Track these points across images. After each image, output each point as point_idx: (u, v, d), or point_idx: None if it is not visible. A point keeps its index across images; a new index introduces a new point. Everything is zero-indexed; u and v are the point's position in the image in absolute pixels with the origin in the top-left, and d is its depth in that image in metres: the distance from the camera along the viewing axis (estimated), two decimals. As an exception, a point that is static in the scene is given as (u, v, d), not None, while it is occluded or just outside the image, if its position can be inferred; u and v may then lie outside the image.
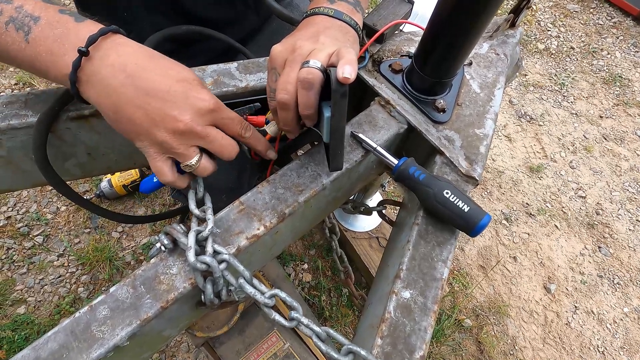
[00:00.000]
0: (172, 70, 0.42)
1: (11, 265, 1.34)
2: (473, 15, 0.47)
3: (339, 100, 0.40)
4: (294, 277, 1.38)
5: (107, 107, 0.41)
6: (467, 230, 0.49)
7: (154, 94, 0.40)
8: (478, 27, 0.49)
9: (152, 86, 0.40)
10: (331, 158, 0.47)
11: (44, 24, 0.40)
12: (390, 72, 0.63)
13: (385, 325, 0.46)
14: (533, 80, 2.03)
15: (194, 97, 0.41)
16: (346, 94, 0.40)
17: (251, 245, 0.49)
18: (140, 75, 0.40)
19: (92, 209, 0.65)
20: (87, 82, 0.40)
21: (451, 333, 1.33)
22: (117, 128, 0.42)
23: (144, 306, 0.43)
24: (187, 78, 0.42)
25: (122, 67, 0.39)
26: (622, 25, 2.31)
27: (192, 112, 0.41)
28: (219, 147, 0.44)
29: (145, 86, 0.40)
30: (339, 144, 0.45)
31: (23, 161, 0.58)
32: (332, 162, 0.47)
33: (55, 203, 1.48)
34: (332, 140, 0.44)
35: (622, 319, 1.42)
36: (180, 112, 0.40)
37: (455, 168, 0.57)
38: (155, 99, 0.40)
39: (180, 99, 0.40)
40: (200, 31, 0.71)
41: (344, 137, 0.44)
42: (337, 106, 0.40)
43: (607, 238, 1.59)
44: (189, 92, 0.41)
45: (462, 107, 0.62)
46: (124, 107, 0.40)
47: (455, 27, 0.50)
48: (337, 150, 0.45)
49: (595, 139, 1.86)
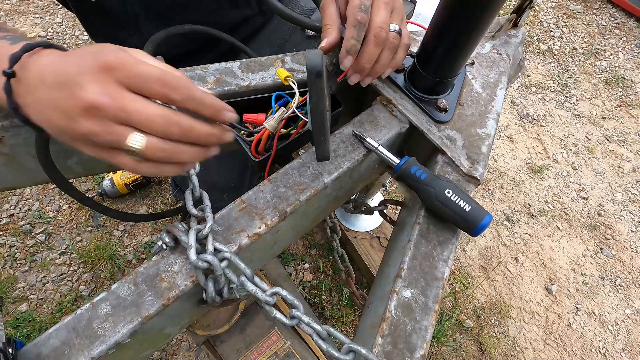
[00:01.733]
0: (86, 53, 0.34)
1: (13, 263, 1.35)
2: (475, 15, 0.47)
3: (314, 80, 0.39)
4: (295, 277, 1.38)
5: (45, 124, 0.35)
6: (468, 230, 0.49)
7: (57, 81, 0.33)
8: (480, 27, 0.49)
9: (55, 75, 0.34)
10: (315, 145, 0.45)
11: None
12: (393, 71, 0.63)
13: (386, 324, 0.46)
14: (535, 81, 2.03)
15: (88, 62, 0.32)
16: (321, 74, 0.38)
17: (252, 243, 0.49)
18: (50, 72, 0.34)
19: (95, 207, 0.65)
20: (25, 106, 0.36)
21: (452, 333, 1.33)
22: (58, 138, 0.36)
23: (145, 303, 0.43)
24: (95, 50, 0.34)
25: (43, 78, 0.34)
26: (625, 26, 2.31)
27: (90, 79, 0.32)
28: (148, 121, 0.33)
29: (50, 79, 0.34)
30: (320, 129, 0.43)
31: (26, 159, 0.59)
32: (317, 149, 0.46)
33: (57, 201, 1.48)
34: (312, 124, 0.43)
35: (623, 321, 1.42)
36: (77, 86, 0.32)
37: (456, 168, 0.57)
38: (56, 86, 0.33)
39: (74, 71, 0.33)
40: (202, 30, 0.71)
41: (325, 122, 0.43)
42: (313, 87, 0.39)
43: (609, 239, 1.58)
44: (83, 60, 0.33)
45: (464, 107, 0.62)
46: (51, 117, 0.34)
47: (457, 27, 0.50)
48: (320, 136, 0.44)
49: (597, 140, 1.85)
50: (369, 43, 0.48)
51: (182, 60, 0.75)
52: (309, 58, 0.38)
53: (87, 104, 0.31)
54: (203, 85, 0.61)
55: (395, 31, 0.49)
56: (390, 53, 0.50)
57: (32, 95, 0.35)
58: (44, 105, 0.34)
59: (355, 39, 0.47)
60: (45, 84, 0.34)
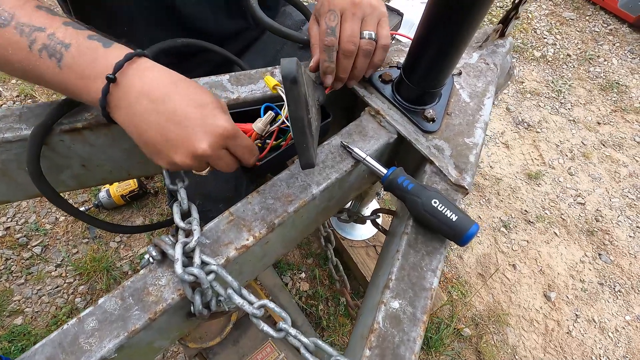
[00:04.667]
0: (193, 94, 0.43)
1: (9, 275, 1.34)
2: (458, 26, 0.48)
3: (289, 87, 0.39)
4: (291, 286, 1.38)
5: (132, 130, 0.43)
6: (455, 240, 0.49)
7: (174, 119, 0.42)
8: (463, 39, 0.49)
9: (172, 112, 0.42)
10: (298, 153, 0.46)
11: (74, 51, 0.42)
12: (380, 82, 0.64)
13: (374, 335, 0.45)
14: (530, 88, 2.04)
15: (211, 124, 0.43)
16: (296, 81, 0.39)
17: (240, 255, 0.49)
18: (163, 101, 0.42)
19: (87, 219, 0.66)
20: (115, 107, 0.43)
21: (450, 342, 1.31)
22: (141, 147, 0.45)
23: (132, 318, 0.43)
24: (206, 103, 0.43)
25: (147, 93, 0.42)
26: (618, 32, 2.33)
27: (209, 138, 0.42)
28: (225, 167, 0.47)
29: (166, 112, 0.42)
30: (301, 136, 0.44)
31: (18, 173, 0.59)
32: (301, 157, 0.46)
33: (54, 213, 1.48)
34: (293, 132, 0.43)
35: (624, 327, 1.40)
36: (197, 138, 0.42)
37: (444, 177, 0.57)
38: (175, 124, 0.42)
39: (198, 124, 0.42)
40: (196, 44, 0.72)
41: (305, 129, 0.43)
42: (290, 94, 0.40)
43: (607, 245, 1.58)
44: (206, 118, 0.43)
45: (451, 117, 0.63)
46: (146, 131, 0.42)
47: (440, 39, 0.50)
48: (302, 143, 0.44)
49: (593, 146, 1.86)
50: (340, 58, 0.54)
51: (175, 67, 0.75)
52: (284, 66, 0.38)
53: (198, 154, 0.42)
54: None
55: (368, 37, 0.53)
56: (366, 58, 0.54)
57: (130, 104, 0.42)
58: (145, 122, 0.42)
59: (328, 61, 0.54)
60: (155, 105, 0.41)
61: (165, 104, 0.42)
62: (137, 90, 0.42)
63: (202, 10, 0.76)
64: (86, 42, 0.42)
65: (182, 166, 0.44)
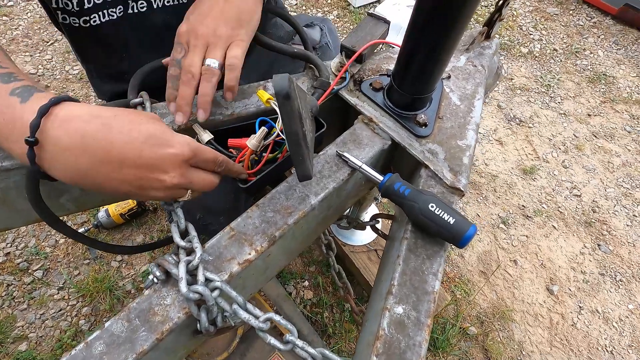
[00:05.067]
0: (133, 131, 0.40)
1: (11, 301, 1.34)
2: (444, 32, 0.49)
3: (282, 102, 0.40)
4: (295, 295, 1.38)
5: (88, 185, 0.40)
6: (454, 242, 0.50)
7: (129, 163, 0.39)
8: (450, 44, 0.51)
9: (122, 157, 0.39)
10: (295, 165, 0.46)
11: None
12: (372, 90, 0.65)
13: (380, 342, 0.46)
14: (519, 84, 2.07)
15: (168, 152, 0.41)
16: (289, 96, 0.40)
17: (243, 270, 0.50)
18: (105, 150, 0.38)
19: (87, 242, 0.66)
20: (52, 169, 0.39)
21: (457, 342, 1.32)
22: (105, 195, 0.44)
23: (139, 339, 0.43)
24: (150, 134, 0.41)
25: (82, 149, 0.38)
26: (602, 25, 2.37)
27: (172, 167, 0.41)
28: (202, 186, 0.47)
29: (116, 159, 0.39)
30: (297, 150, 0.44)
31: (17, 200, 0.59)
32: (297, 169, 0.47)
33: (53, 236, 1.48)
34: (288, 145, 0.44)
35: (627, 317, 1.41)
36: (161, 171, 0.41)
37: (440, 180, 0.58)
38: (132, 168, 0.39)
39: (155, 158, 0.40)
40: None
41: (300, 142, 0.44)
42: (283, 109, 0.41)
43: (605, 235, 1.59)
44: (160, 150, 0.40)
45: (443, 120, 0.64)
46: (104, 183, 0.40)
47: (427, 45, 0.52)
48: (298, 156, 0.45)
49: (585, 137, 1.88)
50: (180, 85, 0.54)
51: None
52: (276, 82, 0.39)
53: (171, 185, 0.42)
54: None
55: (207, 64, 0.53)
56: (207, 82, 0.54)
57: (68, 164, 0.39)
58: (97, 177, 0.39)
59: (171, 88, 0.55)
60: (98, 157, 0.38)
61: (109, 152, 0.38)
62: (66, 146, 0.37)
63: None
64: (6, 100, 0.39)
65: (163, 199, 0.44)
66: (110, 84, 0.80)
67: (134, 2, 0.68)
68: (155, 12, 0.71)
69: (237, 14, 0.56)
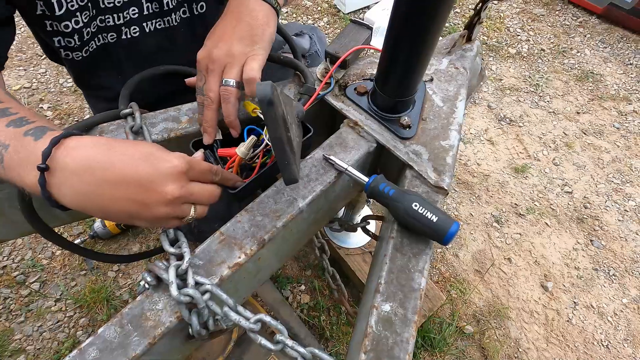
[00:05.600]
0: (133, 151, 0.43)
1: (9, 315, 1.33)
2: (419, 37, 0.51)
3: (266, 109, 0.42)
4: (292, 300, 1.38)
5: (93, 209, 0.43)
6: (438, 240, 0.51)
7: (128, 179, 0.41)
8: (426, 48, 0.52)
9: (122, 174, 0.41)
10: (280, 170, 0.48)
11: (12, 151, 0.42)
12: (356, 94, 0.67)
13: (368, 339, 0.47)
14: (509, 84, 2.10)
15: (164, 167, 0.43)
16: (272, 103, 0.41)
17: (234, 273, 0.51)
18: (107, 169, 0.41)
19: (82, 252, 0.67)
20: (60, 195, 0.42)
21: (453, 341, 1.32)
22: (112, 220, 0.44)
23: (132, 344, 0.44)
24: (149, 152, 0.43)
25: (86, 170, 0.41)
26: (587, 24, 2.41)
27: (170, 180, 0.43)
28: (204, 198, 0.48)
29: (116, 177, 0.41)
30: (282, 154, 0.46)
31: (11, 212, 0.60)
32: (283, 173, 0.48)
33: (50, 248, 1.48)
34: (274, 150, 0.46)
35: (622, 311, 1.43)
36: (160, 185, 0.42)
37: (424, 180, 0.60)
38: (131, 184, 0.41)
39: (153, 174, 0.42)
40: (176, 70, 0.75)
41: (285, 146, 0.45)
42: (268, 115, 0.42)
43: (597, 231, 1.61)
44: (157, 164, 0.43)
45: (426, 122, 0.66)
46: (107, 204, 0.42)
47: (404, 50, 0.53)
48: (284, 160, 0.46)
49: (575, 135, 1.91)
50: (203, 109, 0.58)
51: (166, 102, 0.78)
52: (259, 90, 0.41)
53: (172, 198, 0.43)
54: (177, 125, 0.64)
55: (223, 84, 0.56)
56: (226, 103, 0.57)
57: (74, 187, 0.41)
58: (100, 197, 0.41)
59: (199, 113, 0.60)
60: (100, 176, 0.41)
61: (110, 170, 0.41)
62: (72, 170, 0.41)
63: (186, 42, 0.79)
64: (21, 140, 0.43)
65: (166, 218, 0.44)
66: (106, 103, 0.82)
67: (126, 28, 0.70)
68: (148, 36, 0.73)
69: (249, 31, 0.58)
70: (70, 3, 0.61)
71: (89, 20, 0.65)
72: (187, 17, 0.75)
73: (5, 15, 0.58)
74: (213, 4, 0.76)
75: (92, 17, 0.65)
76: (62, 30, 0.63)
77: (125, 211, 0.43)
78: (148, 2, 0.69)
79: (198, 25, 0.77)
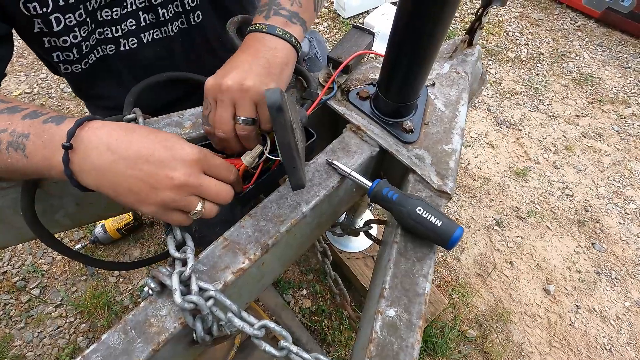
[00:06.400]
0: (153, 135, 0.45)
1: (9, 321, 1.33)
2: (422, 42, 0.51)
3: (275, 115, 0.42)
4: (293, 304, 1.38)
5: (106, 186, 0.44)
6: (442, 244, 0.51)
7: (143, 159, 0.43)
8: (429, 53, 0.53)
9: (138, 153, 0.43)
10: (288, 175, 0.47)
11: (33, 137, 0.44)
12: (359, 99, 0.67)
13: (373, 345, 0.47)
14: (508, 88, 2.10)
15: (179, 152, 0.44)
16: (282, 109, 0.41)
17: (238, 279, 0.51)
18: (125, 148, 0.43)
19: (84, 260, 0.67)
20: (81, 172, 0.43)
21: (456, 345, 1.32)
22: (121, 202, 0.45)
23: (135, 350, 0.44)
24: (167, 138, 0.45)
25: (106, 146, 0.43)
26: (586, 28, 2.42)
27: (182, 165, 0.44)
28: (215, 194, 0.47)
29: (131, 156, 0.43)
30: (290, 160, 0.46)
31: (14, 218, 0.60)
32: (291, 179, 0.48)
33: (50, 254, 1.48)
34: (282, 156, 0.45)
35: (624, 314, 1.42)
36: (170, 169, 0.43)
37: (427, 184, 0.60)
38: (145, 163, 0.43)
39: (166, 157, 0.43)
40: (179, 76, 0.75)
41: (293, 152, 0.45)
42: (276, 121, 0.42)
43: (599, 234, 1.61)
44: (173, 149, 0.44)
45: (429, 126, 0.66)
46: (120, 181, 0.43)
47: (407, 55, 0.54)
48: (292, 166, 0.46)
49: (575, 138, 1.91)
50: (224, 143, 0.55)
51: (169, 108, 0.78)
52: (268, 96, 0.41)
53: (180, 183, 0.43)
54: (180, 130, 0.64)
55: (242, 123, 0.52)
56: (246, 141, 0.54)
57: (94, 163, 0.43)
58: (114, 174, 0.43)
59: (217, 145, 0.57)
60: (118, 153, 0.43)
61: (127, 149, 0.43)
62: (95, 146, 0.43)
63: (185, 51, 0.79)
64: (42, 126, 0.45)
65: (172, 205, 0.44)
66: (106, 111, 0.82)
67: (125, 39, 0.70)
68: (146, 47, 0.73)
69: (267, 68, 0.54)
70: (68, 19, 0.61)
71: (88, 34, 0.65)
72: (185, 27, 0.76)
73: (2, 33, 0.58)
74: (210, 14, 0.77)
75: (90, 31, 0.65)
76: (60, 45, 0.64)
77: (135, 192, 0.43)
78: (145, 14, 0.69)
79: (195, 35, 0.77)
